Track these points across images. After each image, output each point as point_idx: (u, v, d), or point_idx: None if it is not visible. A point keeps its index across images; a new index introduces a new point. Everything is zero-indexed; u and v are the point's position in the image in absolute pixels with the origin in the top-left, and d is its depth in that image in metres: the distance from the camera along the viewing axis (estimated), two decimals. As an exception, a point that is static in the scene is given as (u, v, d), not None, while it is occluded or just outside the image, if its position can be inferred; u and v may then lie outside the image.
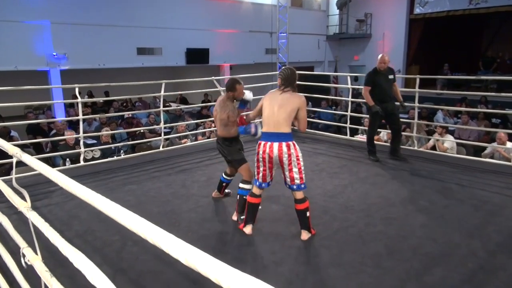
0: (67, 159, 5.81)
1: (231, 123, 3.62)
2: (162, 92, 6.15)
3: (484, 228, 3.44)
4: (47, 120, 8.44)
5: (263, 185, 3.25)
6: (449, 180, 4.75)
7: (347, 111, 6.99)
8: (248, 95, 3.77)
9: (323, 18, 17.41)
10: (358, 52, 17.14)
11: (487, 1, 13.32)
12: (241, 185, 3.67)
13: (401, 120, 7.47)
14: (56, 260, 2.68)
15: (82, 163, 5.44)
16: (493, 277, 2.69)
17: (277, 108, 3.06)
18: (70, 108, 11.33)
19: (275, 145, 3.06)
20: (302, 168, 3.15)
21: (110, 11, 10.92)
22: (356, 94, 13.52)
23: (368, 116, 5.97)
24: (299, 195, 3.19)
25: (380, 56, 5.43)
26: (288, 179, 3.16)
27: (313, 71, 16.09)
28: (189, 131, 7.70)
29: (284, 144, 3.05)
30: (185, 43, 12.55)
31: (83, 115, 5.74)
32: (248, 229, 3.36)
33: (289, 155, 3.07)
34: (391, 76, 5.39)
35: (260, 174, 3.21)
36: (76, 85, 5.35)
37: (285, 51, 14.32)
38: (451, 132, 7.25)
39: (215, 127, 7.90)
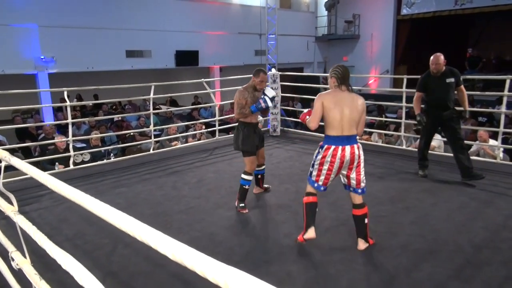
0: (56, 163, 5.76)
1: (242, 108, 3.86)
2: (152, 95, 6.14)
3: (471, 225, 3.50)
4: (35, 124, 8.36)
5: (322, 188, 3.06)
6: (437, 178, 4.83)
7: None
8: (270, 91, 3.86)
9: (312, 20, 17.52)
10: (347, 53, 17.29)
11: (472, 1, 13.55)
12: (243, 175, 3.91)
13: (394, 120, 7.55)
14: (45, 263, 2.67)
15: (71, 166, 5.41)
16: (479, 272, 2.74)
17: (349, 111, 2.91)
18: (58, 111, 11.22)
19: (347, 148, 2.91)
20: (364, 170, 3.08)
21: (98, 14, 10.87)
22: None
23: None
24: (359, 199, 3.06)
25: (432, 57, 4.52)
26: (353, 182, 3.01)
27: (302, 72, 16.18)
28: (179, 133, 7.69)
29: (355, 146, 2.95)
30: (174, 45, 12.54)
31: (72, 118, 5.70)
32: (311, 233, 3.03)
33: (359, 156, 2.97)
34: (450, 80, 4.48)
35: (322, 177, 2.99)
36: (64, 88, 5.32)
37: (274, 52, 14.38)
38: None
39: (205, 129, 7.92)
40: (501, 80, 5.36)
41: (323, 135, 3.04)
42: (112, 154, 6.63)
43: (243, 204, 3.95)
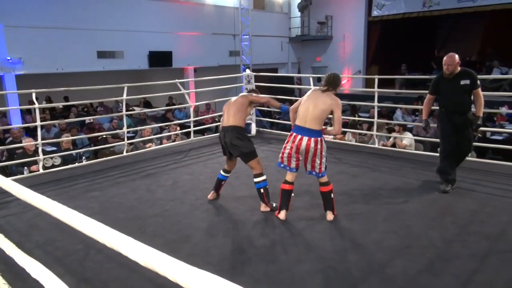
0: (25, 168, 5.57)
1: (248, 113, 3.99)
2: (125, 96, 6.03)
3: (441, 220, 3.61)
4: (2, 127, 8.05)
5: (287, 168, 3.57)
6: (409, 175, 4.96)
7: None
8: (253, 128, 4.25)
9: (285, 20, 17.64)
10: (320, 54, 17.50)
11: (439, 3, 13.99)
12: (257, 179, 3.85)
13: (367, 119, 7.69)
14: (15, 272, 2.57)
15: (41, 170, 5.24)
16: (450, 265, 2.83)
17: (312, 107, 3.41)
18: (27, 114, 10.85)
19: (305, 139, 3.41)
20: (324, 160, 3.52)
21: (67, 13, 10.57)
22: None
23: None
24: (323, 179, 3.58)
25: (445, 57, 4.25)
26: (309, 166, 3.53)
27: (277, 73, 16.27)
28: (154, 135, 7.58)
29: (312, 139, 3.41)
30: (147, 46, 12.36)
31: (41, 121, 5.52)
32: (282, 215, 3.62)
33: (315, 150, 3.43)
34: (464, 82, 4.13)
35: (285, 158, 3.54)
36: (33, 90, 5.15)
37: (248, 53, 14.40)
38: (410, 130, 7.55)
39: (180, 130, 7.84)
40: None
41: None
42: (84, 157, 6.47)
43: (276, 204, 3.84)
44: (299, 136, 3.44)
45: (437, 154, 5.77)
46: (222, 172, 4.19)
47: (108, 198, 4.39)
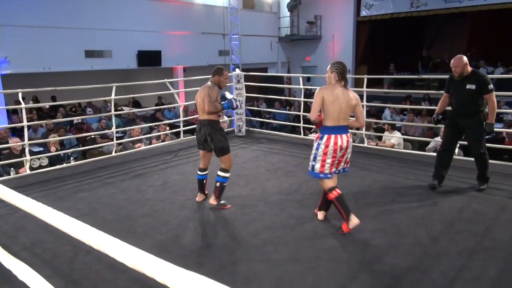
0: (12, 168, 5.49)
1: (217, 106, 3.86)
2: (113, 96, 5.98)
3: (429, 218, 3.66)
4: (-12, 128, 7.90)
5: (329, 175, 3.46)
6: (397, 174, 5.00)
7: (300, 111, 7.15)
8: (229, 94, 4.04)
9: (275, 20, 17.66)
10: (309, 53, 17.55)
11: (426, 4, 14.16)
12: (221, 173, 3.88)
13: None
14: (1, 274, 2.54)
15: (28, 171, 5.17)
16: (437, 262, 2.87)
17: (345, 105, 3.37)
18: (13, 114, 10.68)
19: (344, 136, 3.40)
20: None
21: (54, 12, 10.43)
22: (309, 94, 13.86)
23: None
24: (336, 181, 3.56)
25: (452, 59, 4.13)
26: (343, 163, 3.51)
27: (266, 72, 16.27)
28: (143, 135, 7.53)
29: (349, 134, 3.46)
30: (136, 45, 12.27)
31: (28, 121, 5.45)
32: (355, 220, 3.34)
33: (351, 143, 3.47)
34: (470, 86, 4.01)
35: (328, 166, 3.40)
36: (19, 90, 5.07)
37: (238, 52, 14.38)
38: (398, 129, 7.63)
39: (169, 130, 7.80)
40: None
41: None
42: (72, 158, 6.40)
43: (224, 201, 3.99)
44: (339, 136, 3.38)
45: (425, 153, 5.88)
46: (199, 172, 4.18)
47: (97, 199, 4.35)
